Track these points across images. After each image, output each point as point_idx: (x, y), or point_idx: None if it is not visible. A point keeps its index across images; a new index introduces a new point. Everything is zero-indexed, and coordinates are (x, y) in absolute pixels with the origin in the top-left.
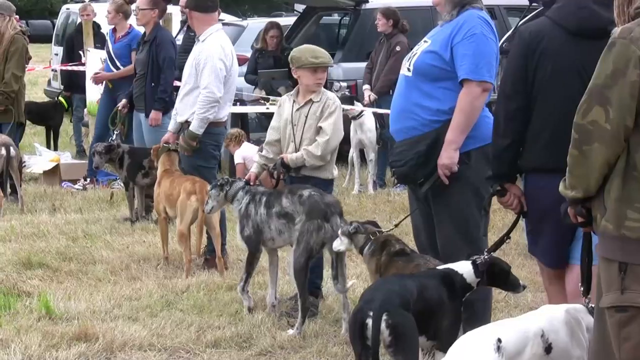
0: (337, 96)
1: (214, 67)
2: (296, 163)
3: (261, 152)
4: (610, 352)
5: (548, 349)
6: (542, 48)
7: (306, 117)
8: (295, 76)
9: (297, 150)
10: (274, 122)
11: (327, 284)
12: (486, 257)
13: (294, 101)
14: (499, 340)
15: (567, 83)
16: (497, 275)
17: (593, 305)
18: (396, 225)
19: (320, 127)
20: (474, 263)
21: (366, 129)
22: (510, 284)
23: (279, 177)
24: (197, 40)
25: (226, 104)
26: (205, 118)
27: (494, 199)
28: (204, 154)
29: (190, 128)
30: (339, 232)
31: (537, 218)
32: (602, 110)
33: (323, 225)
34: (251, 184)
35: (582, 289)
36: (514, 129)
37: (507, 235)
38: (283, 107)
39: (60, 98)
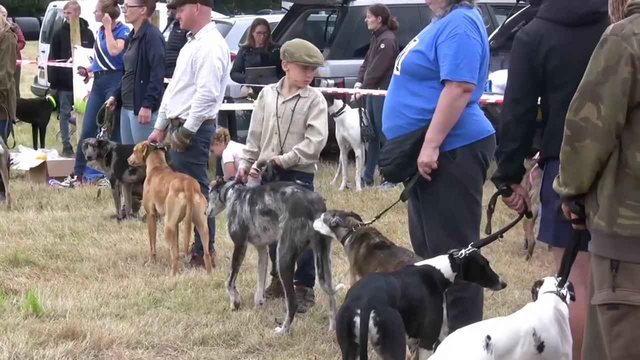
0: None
1: (212, 66)
2: (289, 163)
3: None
4: (602, 349)
5: (540, 347)
6: (545, 46)
7: (293, 111)
8: (284, 69)
9: (281, 143)
10: (256, 114)
11: (315, 282)
12: (467, 251)
13: (278, 93)
14: (488, 338)
15: (575, 75)
16: (473, 269)
17: (564, 293)
18: (377, 217)
19: (311, 125)
20: (451, 257)
21: (348, 125)
22: (487, 279)
23: (273, 179)
24: (191, 37)
25: (218, 102)
26: (201, 116)
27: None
28: (195, 151)
29: (185, 125)
30: (322, 217)
31: (547, 197)
32: (593, 107)
33: (307, 223)
34: (242, 180)
35: (558, 279)
36: (524, 131)
37: (500, 233)
38: (265, 98)
39: (50, 96)
